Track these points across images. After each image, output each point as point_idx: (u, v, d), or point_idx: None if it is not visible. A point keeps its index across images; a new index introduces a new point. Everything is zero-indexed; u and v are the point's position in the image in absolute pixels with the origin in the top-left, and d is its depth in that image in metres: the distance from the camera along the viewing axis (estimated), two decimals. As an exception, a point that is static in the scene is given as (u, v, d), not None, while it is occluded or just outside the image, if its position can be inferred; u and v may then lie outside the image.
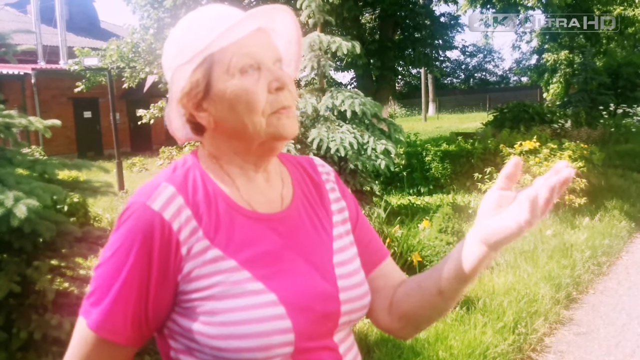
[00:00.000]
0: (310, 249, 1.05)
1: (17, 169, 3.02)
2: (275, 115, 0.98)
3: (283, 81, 0.98)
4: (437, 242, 5.00)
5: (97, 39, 25.67)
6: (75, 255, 3.17)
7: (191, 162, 1.03)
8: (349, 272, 1.07)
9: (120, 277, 0.92)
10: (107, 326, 0.93)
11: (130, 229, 0.93)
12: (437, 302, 1.05)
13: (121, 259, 0.92)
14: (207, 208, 0.97)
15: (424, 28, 15.13)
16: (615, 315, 4.63)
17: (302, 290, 0.98)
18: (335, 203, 1.15)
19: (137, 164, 15.80)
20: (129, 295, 0.92)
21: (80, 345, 0.96)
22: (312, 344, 0.98)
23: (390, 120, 6.77)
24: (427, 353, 3.51)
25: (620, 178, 9.98)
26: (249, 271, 0.95)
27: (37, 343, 3.02)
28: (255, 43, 0.98)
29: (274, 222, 1.03)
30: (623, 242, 6.69)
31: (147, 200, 0.94)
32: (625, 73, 21.84)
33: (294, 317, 0.94)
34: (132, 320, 0.93)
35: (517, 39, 35.72)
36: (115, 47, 13.26)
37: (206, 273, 0.94)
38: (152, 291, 0.93)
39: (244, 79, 0.97)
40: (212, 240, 0.95)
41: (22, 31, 6.27)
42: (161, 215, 0.93)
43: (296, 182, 1.12)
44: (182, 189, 0.97)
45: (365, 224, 1.20)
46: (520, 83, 50.49)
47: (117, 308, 0.93)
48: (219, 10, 1.02)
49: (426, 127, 27.15)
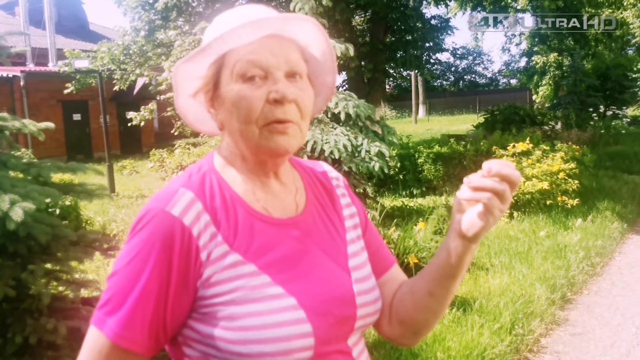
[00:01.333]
0: (327, 253, 1.05)
1: (12, 172, 2.98)
2: (268, 127, 0.96)
3: (282, 93, 0.94)
4: (432, 243, 5.00)
5: (87, 41, 25.54)
6: (70, 258, 3.14)
7: (207, 168, 1.03)
8: (363, 276, 1.08)
9: (139, 285, 0.90)
10: (126, 335, 0.90)
11: (149, 236, 0.91)
12: (430, 304, 1.06)
13: (139, 265, 0.91)
14: (226, 213, 0.97)
15: (415, 30, 15.17)
16: (609, 315, 4.65)
17: (321, 294, 0.98)
18: (347, 208, 1.15)
19: (128, 166, 15.71)
20: (148, 303, 0.90)
21: (93, 356, 0.93)
22: (329, 348, 0.98)
23: (383, 123, 6.76)
24: (425, 355, 3.50)
25: (611, 179, 10.05)
26: (268, 275, 0.94)
27: (32, 348, 2.99)
28: (264, 51, 0.96)
29: (290, 227, 1.03)
30: (616, 242, 6.73)
31: (165, 206, 0.93)
32: (614, 75, 22.03)
33: (314, 321, 0.94)
34: (149, 328, 0.91)
35: (506, 42, 35.97)
36: (106, 50, 13.19)
37: (226, 278, 0.93)
38: (171, 298, 0.92)
39: (245, 85, 0.96)
40: (231, 245, 0.95)
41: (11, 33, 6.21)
42: (181, 221, 0.92)
43: (308, 187, 1.12)
44: (200, 194, 0.96)
45: (373, 230, 1.20)
46: (509, 85, 50.81)
47: (135, 317, 0.90)
48: (248, 11, 1.01)
49: (417, 129, 27.23)
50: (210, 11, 13.77)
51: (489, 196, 0.90)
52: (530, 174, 7.47)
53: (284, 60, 0.97)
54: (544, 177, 7.37)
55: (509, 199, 0.91)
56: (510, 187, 0.91)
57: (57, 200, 2.81)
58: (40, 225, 2.73)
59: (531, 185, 7.24)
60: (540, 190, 7.23)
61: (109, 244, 3.37)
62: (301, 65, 1.00)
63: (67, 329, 2.89)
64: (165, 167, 12.01)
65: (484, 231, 0.94)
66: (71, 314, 3.07)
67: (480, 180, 0.91)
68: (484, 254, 5.67)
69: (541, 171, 7.44)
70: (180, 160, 11.19)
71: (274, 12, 1.00)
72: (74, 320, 2.97)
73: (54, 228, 2.92)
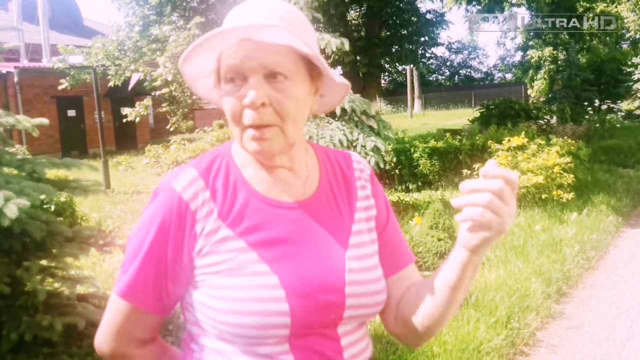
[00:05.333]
0: (324, 240, 1.06)
1: (6, 169, 2.97)
2: (246, 132, 1.00)
3: (250, 99, 0.96)
4: (428, 238, 5.00)
5: (80, 36, 25.41)
6: (65, 255, 3.13)
7: (222, 150, 1.11)
8: (362, 267, 1.07)
9: (142, 250, 1.02)
10: (129, 292, 1.04)
11: (155, 207, 1.03)
12: (431, 311, 1.06)
13: (144, 233, 1.03)
14: (224, 192, 1.04)
15: (410, 25, 15.19)
16: (605, 308, 4.67)
17: (305, 277, 1.01)
18: (363, 200, 1.15)
19: (123, 162, 15.66)
20: (149, 267, 1.02)
21: (110, 310, 1.08)
22: (312, 331, 1.01)
23: (379, 117, 6.76)
24: (421, 349, 3.50)
25: (606, 173, 10.07)
26: (256, 253, 1.00)
27: (27, 345, 2.98)
28: (241, 54, 0.98)
29: (291, 210, 1.06)
30: (611, 236, 6.74)
31: (171, 182, 1.03)
32: (608, 69, 22.12)
33: (293, 302, 0.98)
34: (152, 289, 1.03)
35: (501, 36, 36.02)
36: (100, 45, 13.14)
37: (216, 250, 1.01)
38: (170, 264, 1.02)
39: (228, 86, 1.00)
40: (224, 220, 1.02)
41: (4, 29, 6.19)
42: (180, 196, 1.01)
43: (324, 174, 1.14)
44: (205, 173, 1.05)
45: (394, 227, 1.20)
46: (504, 80, 50.90)
47: (138, 277, 1.03)
48: (236, 13, 1.03)
49: (412, 123, 27.23)
50: (204, 6, 13.72)
51: (481, 211, 0.90)
52: (525, 168, 7.48)
53: (259, 62, 0.97)
54: (539, 172, 7.39)
55: (509, 198, 0.90)
56: (510, 187, 0.90)
57: (51, 197, 2.80)
58: (35, 222, 2.72)
59: (526, 179, 7.26)
60: (535, 184, 7.25)
61: (104, 240, 3.37)
62: (286, 65, 0.99)
63: (62, 326, 2.88)
64: (161, 163, 11.99)
65: (485, 244, 0.94)
66: (67, 310, 3.06)
67: (475, 182, 0.91)
68: (479, 248, 5.69)
69: (536, 165, 7.45)
70: (175, 156, 11.16)
71: (260, 11, 1.00)
72: (69, 316, 2.96)
73: (49, 224, 2.91)
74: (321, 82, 1.09)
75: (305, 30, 1.04)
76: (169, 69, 11.60)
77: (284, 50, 0.98)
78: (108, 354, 1.11)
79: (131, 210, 8.58)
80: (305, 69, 1.03)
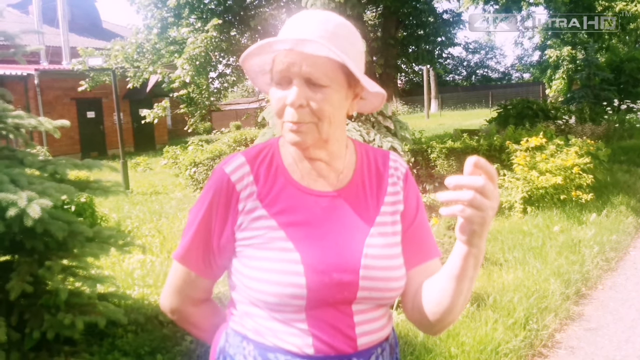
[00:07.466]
0: (347, 227, 1.20)
1: (28, 170, 3.02)
2: (285, 124, 1.16)
3: (290, 100, 1.13)
4: (445, 239, 4.98)
5: (100, 39, 25.69)
6: (86, 255, 3.17)
7: (271, 142, 1.27)
8: (379, 255, 1.19)
9: (195, 222, 1.22)
10: (184, 257, 1.25)
11: (209, 186, 1.22)
12: (440, 299, 1.16)
13: (198, 208, 1.22)
14: (266, 177, 1.21)
15: (427, 25, 15.10)
16: (624, 310, 4.62)
17: (324, 257, 1.15)
18: (391, 195, 1.27)
19: (141, 163, 15.80)
20: (200, 236, 1.22)
21: (171, 272, 1.30)
22: (326, 304, 1.14)
23: (396, 118, 6.74)
24: (439, 350, 3.50)
25: (625, 174, 9.95)
26: (284, 232, 1.16)
27: (49, 343, 3.03)
28: (287, 61, 1.13)
29: (321, 198, 1.21)
30: (630, 237, 6.67)
31: (224, 165, 1.22)
32: (628, 69, 21.80)
33: (310, 277, 1.12)
34: (203, 256, 1.23)
35: (519, 35, 35.71)
36: (120, 48, 13.25)
37: (251, 226, 1.18)
38: (216, 235, 1.21)
39: (277, 86, 1.17)
40: (262, 201, 1.19)
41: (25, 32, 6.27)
42: (229, 177, 1.20)
43: (359, 169, 1.27)
44: (252, 160, 1.22)
45: (422, 224, 1.30)
46: (522, 79, 50.41)
47: (191, 244, 1.23)
48: (296, 18, 1.17)
49: (429, 124, 27.12)
50: (222, 8, 13.79)
51: (462, 208, 0.98)
52: (544, 168, 7.42)
53: (301, 70, 1.12)
54: (557, 172, 7.32)
55: (492, 192, 0.97)
56: (492, 182, 0.97)
57: (72, 197, 2.85)
58: (57, 222, 2.77)
59: (545, 180, 7.20)
60: (554, 185, 7.18)
61: (124, 240, 3.40)
62: (324, 73, 1.13)
63: (84, 324, 2.93)
64: (179, 164, 12.05)
65: (472, 236, 1.03)
66: (88, 309, 3.10)
67: (459, 178, 0.98)
68: (497, 249, 5.66)
69: (555, 166, 7.38)
70: (193, 157, 11.21)
71: (310, 24, 1.14)
72: (90, 315, 3.00)
73: (71, 225, 2.95)
74: (360, 88, 1.22)
75: (351, 41, 1.18)
76: (187, 71, 11.67)
77: (322, 60, 1.13)
78: (169, 310, 1.33)
79: (150, 210, 8.66)
80: (343, 76, 1.16)
